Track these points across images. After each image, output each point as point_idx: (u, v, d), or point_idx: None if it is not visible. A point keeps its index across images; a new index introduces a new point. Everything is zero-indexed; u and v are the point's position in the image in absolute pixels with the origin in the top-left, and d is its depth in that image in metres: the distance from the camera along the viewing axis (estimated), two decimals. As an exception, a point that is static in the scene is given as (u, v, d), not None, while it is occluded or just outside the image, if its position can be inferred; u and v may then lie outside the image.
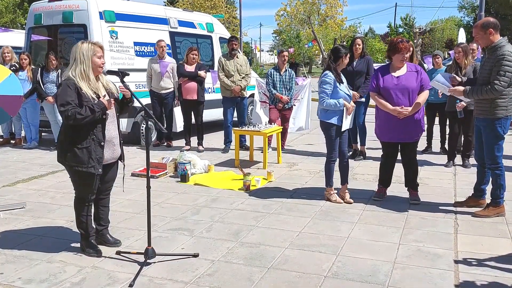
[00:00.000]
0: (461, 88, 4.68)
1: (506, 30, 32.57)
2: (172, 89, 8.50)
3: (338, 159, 5.25)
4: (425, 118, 8.03)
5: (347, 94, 5.09)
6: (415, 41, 23.66)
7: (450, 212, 4.85)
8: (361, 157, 7.48)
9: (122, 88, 3.73)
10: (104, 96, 3.64)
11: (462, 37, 16.34)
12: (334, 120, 5.03)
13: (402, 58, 4.92)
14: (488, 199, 4.87)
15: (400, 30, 47.31)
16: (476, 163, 5.00)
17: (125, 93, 3.76)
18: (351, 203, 5.16)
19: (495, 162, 4.64)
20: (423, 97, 4.93)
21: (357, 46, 7.23)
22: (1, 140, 9.16)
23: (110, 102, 3.64)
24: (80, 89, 3.53)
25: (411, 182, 5.22)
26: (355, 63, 7.15)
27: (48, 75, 8.17)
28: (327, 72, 5.05)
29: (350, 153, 6.18)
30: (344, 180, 5.29)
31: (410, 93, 4.88)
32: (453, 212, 4.85)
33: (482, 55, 5.09)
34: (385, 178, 5.33)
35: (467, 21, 45.17)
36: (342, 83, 5.09)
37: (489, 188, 4.84)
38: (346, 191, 5.28)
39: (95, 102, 3.55)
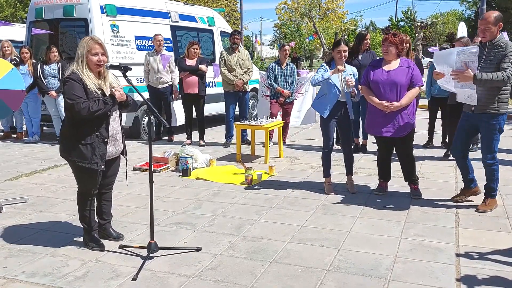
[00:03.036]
0: (470, 72, 4.34)
1: (508, 23, 32.47)
2: (169, 83, 8.50)
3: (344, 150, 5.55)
4: (428, 112, 8.08)
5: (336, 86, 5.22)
6: (416, 34, 23.59)
7: (451, 206, 4.86)
8: (360, 152, 7.50)
9: (117, 90, 3.69)
10: (111, 88, 3.65)
11: (462, 31, 16.28)
12: (322, 112, 5.31)
13: (384, 49, 4.93)
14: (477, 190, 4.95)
15: (401, 23, 47.15)
16: (453, 155, 4.98)
17: (120, 97, 3.69)
18: (353, 192, 5.40)
19: (494, 157, 4.68)
20: (411, 94, 4.86)
21: (368, 41, 7.31)
22: (2, 134, 9.17)
23: (120, 93, 3.66)
24: (86, 85, 3.54)
25: (409, 176, 5.23)
26: (360, 57, 7.17)
27: (48, 68, 8.17)
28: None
29: (352, 147, 6.25)
30: (348, 171, 5.52)
31: (398, 89, 4.83)
32: (454, 206, 4.87)
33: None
34: (383, 172, 5.35)
35: (469, 14, 45.03)
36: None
37: (480, 180, 4.85)
38: (350, 182, 5.51)
39: (107, 96, 3.56)
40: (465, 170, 4.95)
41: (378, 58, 5.41)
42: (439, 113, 7.85)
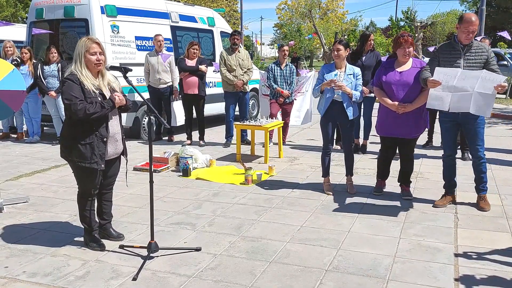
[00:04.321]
0: (505, 84, 4.36)
1: (508, 23, 32.46)
2: (170, 83, 8.52)
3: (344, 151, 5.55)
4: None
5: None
6: (416, 34, 23.60)
7: (450, 207, 4.88)
8: (360, 152, 7.51)
9: (117, 95, 3.69)
10: (113, 92, 3.67)
11: None
12: (320, 111, 5.39)
13: (404, 52, 4.89)
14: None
15: (401, 23, 47.14)
16: (446, 156, 4.96)
17: (119, 103, 3.69)
18: (352, 193, 5.39)
19: (483, 152, 4.76)
20: (424, 95, 4.84)
21: (371, 41, 7.30)
22: (1, 134, 9.19)
23: (120, 99, 3.67)
24: (84, 85, 3.56)
25: (405, 178, 5.25)
26: (364, 58, 7.18)
27: (48, 69, 8.19)
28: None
29: (352, 147, 6.26)
30: (347, 171, 5.49)
31: (411, 89, 4.85)
32: (453, 207, 4.88)
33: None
34: (382, 172, 5.37)
35: (469, 14, 44.99)
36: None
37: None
38: (350, 182, 5.48)
39: (106, 100, 3.58)
40: (454, 171, 4.98)
41: (389, 59, 5.39)
42: (438, 113, 7.85)
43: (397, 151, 5.29)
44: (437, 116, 7.87)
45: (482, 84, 4.34)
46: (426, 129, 7.97)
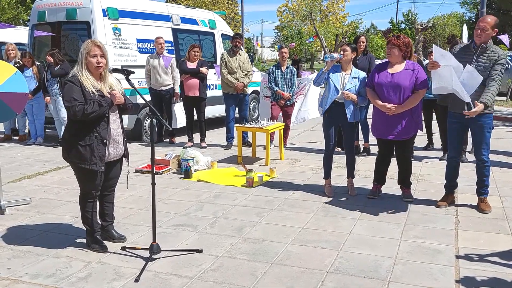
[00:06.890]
0: (481, 106, 4.36)
1: (508, 26, 32.48)
2: (171, 85, 8.55)
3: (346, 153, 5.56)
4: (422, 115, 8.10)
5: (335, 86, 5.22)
6: (416, 37, 23.62)
7: (451, 208, 4.90)
8: (365, 153, 7.53)
9: (115, 93, 3.73)
10: (111, 90, 3.70)
11: (465, 33, 16.28)
12: (322, 107, 5.40)
13: (387, 52, 4.97)
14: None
15: (402, 26, 47.18)
16: (450, 156, 4.99)
17: (118, 101, 3.74)
18: (353, 195, 5.42)
19: (488, 155, 4.77)
20: (414, 97, 4.84)
21: (361, 43, 7.30)
22: (2, 136, 9.22)
23: (118, 96, 3.69)
24: (84, 87, 3.59)
25: (404, 180, 5.26)
26: (357, 60, 7.19)
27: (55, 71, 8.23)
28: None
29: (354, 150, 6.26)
30: (349, 174, 5.53)
31: (402, 91, 4.83)
32: (454, 208, 4.90)
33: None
34: (379, 176, 5.36)
35: (469, 16, 45.05)
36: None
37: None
38: (351, 184, 5.51)
39: (103, 97, 3.61)
40: (456, 172, 5.01)
41: (382, 61, 5.42)
42: (434, 115, 7.86)
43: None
44: (434, 118, 7.93)
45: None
46: (425, 132, 8.05)
